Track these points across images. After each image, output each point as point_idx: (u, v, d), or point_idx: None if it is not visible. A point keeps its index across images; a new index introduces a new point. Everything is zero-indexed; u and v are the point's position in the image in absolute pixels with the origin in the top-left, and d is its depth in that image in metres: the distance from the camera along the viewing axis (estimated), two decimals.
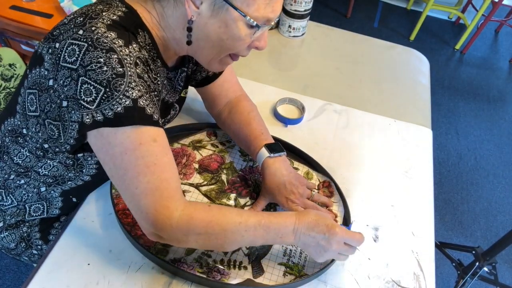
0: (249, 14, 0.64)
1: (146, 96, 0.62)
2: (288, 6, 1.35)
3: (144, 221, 0.64)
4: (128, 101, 0.59)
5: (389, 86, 1.30)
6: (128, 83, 0.59)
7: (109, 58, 0.58)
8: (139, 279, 0.73)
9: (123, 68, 0.59)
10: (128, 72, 0.59)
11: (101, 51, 0.58)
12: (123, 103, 0.59)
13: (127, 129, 0.60)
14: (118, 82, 0.58)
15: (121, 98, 0.59)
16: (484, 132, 2.56)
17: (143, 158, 0.61)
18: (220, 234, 0.66)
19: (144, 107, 0.61)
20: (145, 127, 0.61)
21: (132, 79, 0.59)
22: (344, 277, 0.79)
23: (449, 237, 1.96)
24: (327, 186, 0.95)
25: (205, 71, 0.90)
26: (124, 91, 0.59)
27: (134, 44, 0.62)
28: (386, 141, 1.11)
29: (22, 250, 0.87)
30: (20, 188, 0.80)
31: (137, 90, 0.60)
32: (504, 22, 3.21)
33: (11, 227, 0.84)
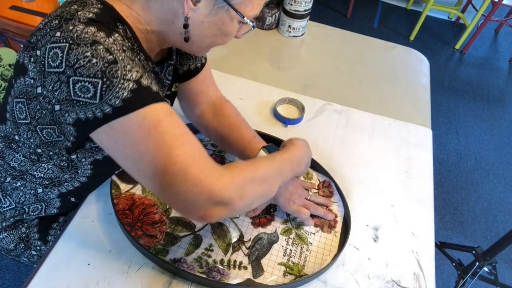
0: (245, 13, 0.66)
1: (146, 75, 0.60)
2: (288, 6, 1.35)
3: (200, 196, 0.58)
4: (131, 83, 0.57)
5: (389, 86, 1.30)
6: (124, 67, 0.57)
7: (95, 49, 0.55)
8: (139, 279, 0.73)
9: (113, 55, 0.56)
10: (120, 57, 0.57)
11: (85, 46, 0.55)
12: (127, 88, 0.56)
13: (141, 111, 0.57)
14: (113, 68, 0.56)
15: (123, 83, 0.56)
16: (484, 132, 2.56)
17: (169, 133, 0.58)
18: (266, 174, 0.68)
19: (149, 85, 0.59)
20: (157, 104, 0.59)
21: (126, 62, 0.57)
22: (344, 277, 0.79)
23: (449, 237, 1.96)
24: (327, 186, 0.95)
25: (186, 64, 0.88)
26: (123, 76, 0.56)
27: (116, 34, 0.60)
28: (386, 141, 1.11)
29: (21, 251, 0.87)
30: (17, 190, 0.80)
31: (135, 71, 0.58)
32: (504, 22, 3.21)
33: (10, 228, 0.84)
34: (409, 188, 0.99)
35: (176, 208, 0.62)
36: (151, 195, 0.86)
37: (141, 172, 0.60)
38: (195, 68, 0.90)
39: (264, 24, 1.43)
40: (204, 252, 0.78)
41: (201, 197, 0.59)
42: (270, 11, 1.39)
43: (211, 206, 0.60)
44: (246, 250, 0.80)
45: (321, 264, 0.80)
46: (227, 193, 0.60)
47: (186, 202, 0.59)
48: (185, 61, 0.88)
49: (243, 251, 0.80)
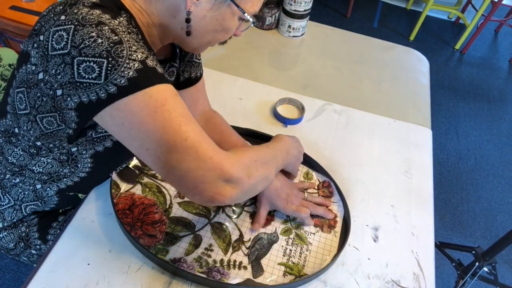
0: (246, 9, 0.66)
1: (152, 57, 0.59)
2: (288, 6, 1.35)
3: (211, 172, 0.58)
4: (136, 63, 0.56)
5: (389, 86, 1.30)
6: (129, 47, 0.57)
7: (101, 30, 0.55)
8: (139, 279, 0.73)
9: (118, 36, 0.56)
10: (125, 38, 0.57)
11: (91, 26, 0.55)
12: (132, 67, 0.56)
13: (147, 90, 0.57)
14: (119, 48, 0.56)
15: (128, 62, 0.56)
16: (484, 132, 2.56)
17: (176, 110, 0.58)
18: (265, 157, 0.72)
19: (154, 67, 0.59)
20: (162, 84, 0.59)
21: (131, 43, 0.57)
22: (344, 277, 0.79)
23: (449, 237, 1.96)
24: (327, 186, 0.95)
25: (187, 72, 0.89)
26: (128, 56, 0.56)
27: (121, 18, 0.60)
28: (386, 141, 1.11)
29: (21, 250, 0.87)
30: (16, 187, 0.80)
31: (140, 52, 0.58)
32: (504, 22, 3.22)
33: (10, 227, 0.84)
34: (409, 188, 0.99)
35: (185, 189, 0.60)
36: (151, 194, 0.86)
37: (150, 151, 0.59)
38: (195, 77, 0.91)
39: (264, 24, 1.43)
40: (204, 252, 0.78)
41: (212, 173, 0.59)
42: (270, 11, 1.39)
43: (222, 184, 0.60)
44: (246, 250, 0.80)
45: (321, 264, 0.80)
46: (236, 170, 0.61)
47: (197, 180, 0.59)
48: (187, 68, 0.88)
49: (243, 251, 0.80)
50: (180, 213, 0.84)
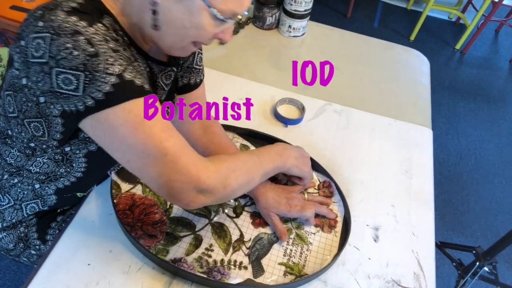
0: (215, 5, 0.61)
1: (130, 68, 0.59)
2: (288, 6, 1.35)
3: (187, 184, 0.63)
4: (113, 78, 0.56)
5: (389, 86, 1.30)
6: (106, 60, 0.56)
7: (76, 41, 0.55)
8: (139, 279, 0.73)
9: (95, 47, 0.56)
10: (101, 50, 0.56)
11: (66, 36, 0.55)
12: (109, 82, 0.56)
13: (125, 104, 0.57)
14: (95, 62, 0.55)
15: (105, 77, 0.56)
16: (484, 132, 2.56)
17: (157, 125, 0.60)
18: (246, 165, 0.72)
19: (132, 80, 0.58)
20: (142, 99, 0.59)
21: (108, 55, 0.57)
22: (344, 277, 0.79)
23: (449, 237, 1.96)
24: (327, 186, 0.95)
25: (187, 77, 0.87)
26: (105, 70, 0.56)
27: (99, 24, 0.58)
28: (386, 141, 1.11)
29: (21, 250, 0.87)
30: (15, 187, 0.80)
31: (117, 64, 0.57)
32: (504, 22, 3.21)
33: (9, 227, 0.84)
34: (409, 188, 0.99)
35: (163, 195, 0.65)
36: (152, 195, 0.86)
37: (131, 163, 0.62)
38: (194, 83, 0.89)
39: (264, 24, 1.43)
40: (204, 252, 0.78)
41: (188, 185, 0.63)
42: (270, 11, 1.39)
43: (197, 194, 0.65)
44: (247, 250, 0.80)
45: (321, 264, 0.80)
46: (211, 182, 0.65)
47: (174, 190, 0.63)
48: (186, 74, 0.87)
49: (243, 251, 0.80)
50: (181, 214, 0.84)
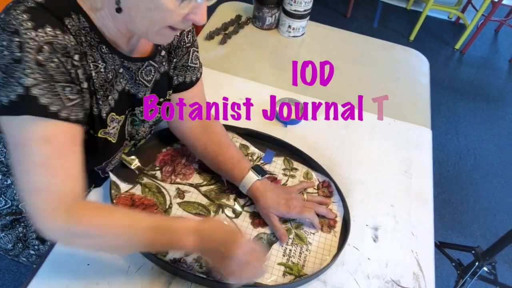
0: None
1: (43, 86, 0.58)
2: (288, 6, 1.35)
3: (33, 219, 0.62)
4: (20, 88, 0.56)
5: (389, 86, 1.30)
6: (23, 69, 0.56)
7: (11, 41, 0.55)
8: (139, 279, 0.73)
9: (21, 53, 0.56)
10: (25, 58, 0.56)
11: (6, 33, 0.56)
12: (16, 91, 0.56)
13: (18, 120, 0.58)
14: (14, 68, 0.56)
15: (15, 85, 0.56)
16: (484, 132, 2.56)
17: (31, 156, 0.59)
18: (109, 237, 0.65)
19: (36, 97, 0.57)
20: (38, 121, 0.58)
21: (28, 66, 0.56)
22: (343, 277, 0.79)
23: (449, 237, 1.96)
24: (327, 186, 0.95)
25: (182, 76, 0.86)
26: (18, 78, 0.56)
27: (48, 28, 0.58)
28: (385, 141, 1.11)
29: (20, 250, 0.87)
30: (10, 188, 0.80)
31: (32, 77, 0.57)
32: (504, 22, 3.22)
33: (7, 227, 0.84)
34: (409, 188, 0.99)
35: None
36: (151, 195, 0.86)
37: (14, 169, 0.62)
38: (190, 81, 0.88)
39: (264, 24, 1.43)
40: None
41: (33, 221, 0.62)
42: (270, 11, 1.39)
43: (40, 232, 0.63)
44: None
45: (320, 264, 0.80)
46: (51, 235, 0.64)
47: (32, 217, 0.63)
48: (182, 72, 0.86)
49: None
50: (180, 214, 0.84)
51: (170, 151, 0.96)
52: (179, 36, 0.82)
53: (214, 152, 0.88)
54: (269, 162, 0.97)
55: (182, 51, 0.84)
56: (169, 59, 0.83)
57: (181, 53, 0.84)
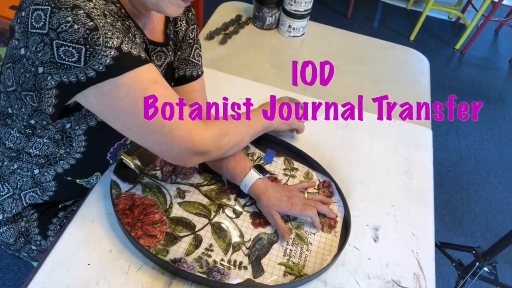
0: None
1: (126, 40, 0.61)
2: (288, 6, 1.35)
3: (185, 150, 0.70)
4: (112, 51, 0.59)
5: (389, 86, 1.30)
6: (105, 34, 0.58)
7: (76, 15, 0.57)
8: (139, 279, 0.73)
9: (94, 22, 0.58)
10: (100, 24, 0.58)
11: (66, 10, 0.57)
12: (109, 54, 0.59)
13: (125, 78, 0.61)
14: (95, 36, 0.57)
15: (105, 50, 0.58)
16: (484, 132, 2.56)
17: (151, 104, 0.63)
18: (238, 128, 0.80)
19: (129, 51, 0.61)
20: (140, 69, 0.62)
21: (106, 29, 0.59)
22: (344, 277, 0.79)
23: (449, 237, 1.96)
24: (327, 186, 0.95)
25: (182, 69, 0.89)
26: (104, 43, 0.58)
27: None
28: (386, 141, 1.11)
29: (21, 245, 0.87)
30: (14, 174, 0.80)
31: (115, 37, 0.59)
32: (504, 22, 3.22)
33: (10, 221, 0.85)
34: (409, 188, 0.99)
35: (162, 157, 0.75)
36: (151, 195, 0.86)
37: (132, 131, 0.67)
38: (190, 76, 0.90)
39: (264, 24, 1.43)
40: (204, 252, 0.78)
41: (185, 151, 0.71)
42: (270, 11, 1.39)
43: (192, 156, 0.73)
44: (246, 250, 0.80)
45: (321, 264, 0.80)
46: (207, 147, 0.73)
47: (172, 154, 0.72)
48: (183, 65, 0.89)
49: (243, 251, 0.80)
50: (181, 213, 0.84)
51: None
52: (185, 31, 0.86)
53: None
54: (269, 162, 0.97)
55: (186, 45, 0.88)
56: (175, 50, 0.86)
57: (185, 46, 0.88)
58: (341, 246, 0.83)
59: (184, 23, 0.87)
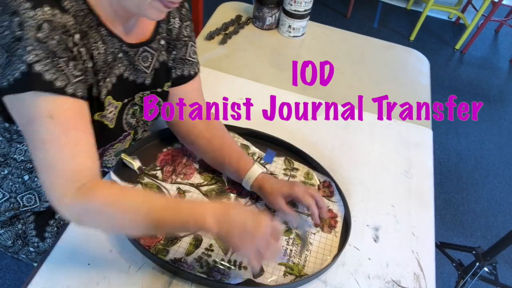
0: None
1: (46, 62, 0.58)
2: (288, 6, 1.35)
3: (46, 195, 0.63)
4: (23, 66, 0.57)
5: (389, 86, 1.30)
6: (24, 47, 0.57)
7: (11, 21, 0.57)
8: (139, 279, 0.73)
9: (22, 31, 0.57)
10: (26, 36, 0.57)
11: (7, 14, 0.57)
12: (20, 69, 0.57)
13: (25, 97, 0.58)
14: (16, 46, 0.57)
15: (18, 63, 0.57)
16: (484, 132, 2.56)
17: (38, 133, 0.60)
18: (119, 214, 0.63)
19: (40, 73, 0.58)
20: (44, 97, 0.59)
21: (28, 43, 0.57)
22: (344, 277, 0.79)
23: (450, 237, 1.96)
24: (327, 186, 0.95)
25: (180, 69, 0.87)
26: (20, 56, 0.57)
27: (47, 7, 0.58)
28: (386, 141, 1.11)
29: (19, 247, 0.87)
30: (6, 179, 0.80)
31: (33, 54, 0.57)
32: (504, 22, 3.22)
33: (6, 224, 0.84)
34: (409, 188, 0.99)
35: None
36: None
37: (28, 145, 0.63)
38: (188, 75, 0.88)
39: (264, 24, 1.43)
40: (204, 252, 0.78)
41: (51, 198, 0.62)
42: (270, 11, 1.39)
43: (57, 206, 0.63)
44: None
45: (321, 264, 0.80)
46: (62, 212, 0.63)
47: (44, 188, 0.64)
48: (180, 65, 0.86)
49: None
50: None
51: (171, 151, 0.96)
52: (178, 29, 0.83)
53: (218, 145, 0.88)
54: (270, 162, 0.97)
55: (181, 44, 0.85)
56: (169, 49, 0.83)
57: (180, 45, 0.85)
58: (341, 246, 0.83)
59: (178, 20, 0.83)
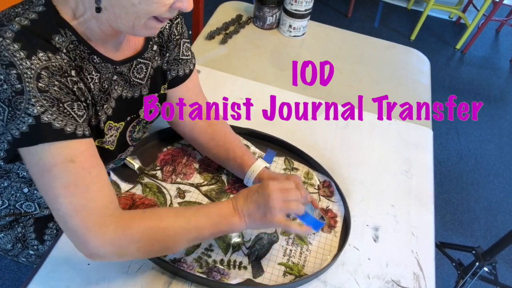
0: None
1: (53, 110, 0.58)
2: (289, 5, 1.35)
3: (78, 243, 0.62)
4: (30, 119, 0.57)
5: (390, 86, 1.30)
6: (28, 100, 0.56)
7: (8, 74, 0.55)
8: (139, 279, 0.73)
9: (22, 84, 0.56)
10: (27, 88, 0.56)
11: (1, 66, 0.55)
12: (26, 122, 0.57)
13: (38, 148, 0.58)
14: (18, 100, 0.56)
15: (24, 116, 0.57)
16: (485, 132, 2.56)
17: (60, 180, 0.59)
18: (161, 235, 0.66)
19: (49, 122, 0.58)
20: (58, 145, 0.59)
21: (31, 95, 0.56)
22: (343, 277, 0.79)
23: (449, 237, 1.96)
24: (327, 186, 0.95)
25: (174, 70, 0.85)
26: (24, 109, 0.56)
27: (41, 53, 0.58)
28: (386, 141, 1.10)
29: (19, 251, 0.87)
30: (7, 190, 0.80)
31: (38, 105, 0.57)
32: (505, 21, 3.21)
33: (6, 228, 0.84)
34: (409, 188, 0.99)
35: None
36: (152, 195, 0.86)
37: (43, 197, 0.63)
38: (183, 75, 0.87)
39: (264, 24, 1.43)
40: (204, 252, 0.78)
41: (79, 246, 0.63)
42: (271, 10, 1.39)
43: (90, 255, 0.63)
44: (246, 250, 0.80)
45: (321, 264, 0.80)
46: (103, 251, 0.62)
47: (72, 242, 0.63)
48: (174, 66, 0.85)
49: (243, 251, 0.80)
50: None
51: (170, 151, 0.96)
52: (169, 29, 0.81)
53: (222, 140, 0.89)
54: (270, 162, 0.97)
55: (173, 44, 0.83)
56: (162, 53, 0.82)
57: (172, 46, 0.83)
58: (341, 246, 0.83)
59: (167, 20, 0.79)
